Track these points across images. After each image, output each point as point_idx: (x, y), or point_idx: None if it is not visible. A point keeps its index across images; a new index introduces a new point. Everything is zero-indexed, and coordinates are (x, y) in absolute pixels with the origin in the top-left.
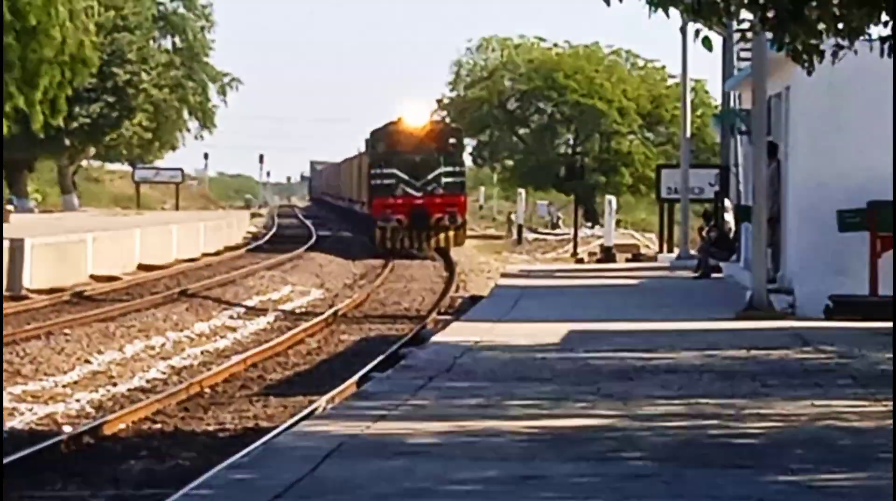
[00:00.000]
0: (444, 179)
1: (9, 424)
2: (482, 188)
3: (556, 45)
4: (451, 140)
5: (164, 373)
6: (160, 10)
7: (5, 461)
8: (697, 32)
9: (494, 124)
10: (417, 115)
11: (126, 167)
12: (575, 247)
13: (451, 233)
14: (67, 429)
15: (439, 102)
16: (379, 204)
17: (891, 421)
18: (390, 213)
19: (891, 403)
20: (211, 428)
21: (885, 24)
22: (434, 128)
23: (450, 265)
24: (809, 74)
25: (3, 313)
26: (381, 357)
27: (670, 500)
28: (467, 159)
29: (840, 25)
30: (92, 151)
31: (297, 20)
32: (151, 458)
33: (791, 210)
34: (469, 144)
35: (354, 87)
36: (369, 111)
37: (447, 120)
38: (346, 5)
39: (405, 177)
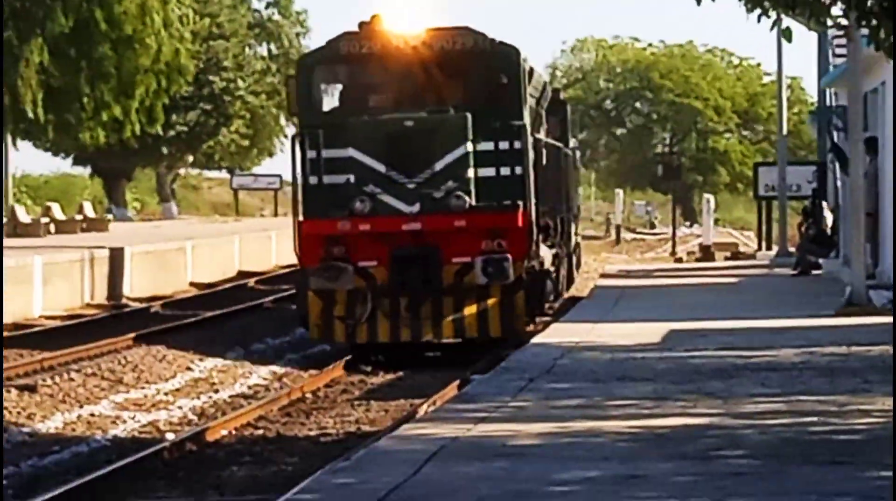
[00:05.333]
0: (472, 172)
1: (112, 431)
2: (580, 189)
3: (650, 45)
4: (501, 78)
5: (265, 379)
6: (256, 18)
7: (110, 468)
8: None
9: (591, 125)
10: (408, 16)
11: (224, 175)
12: (673, 246)
13: (494, 301)
14: (170, 436)
15: None
16: (312, 237)
17: None
18: (341, 255)
19: None
20: (313, 433)
21: None
22: (452, 47)
23: None
24: None
25: (101, 320)
26: (482, 360)
27: (772, 497)
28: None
29: None
30: (190, 159)
31: None
32: (254, 464)
33: (889, 205)
34: None
35: None
36: None
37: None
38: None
39: (378, 167)
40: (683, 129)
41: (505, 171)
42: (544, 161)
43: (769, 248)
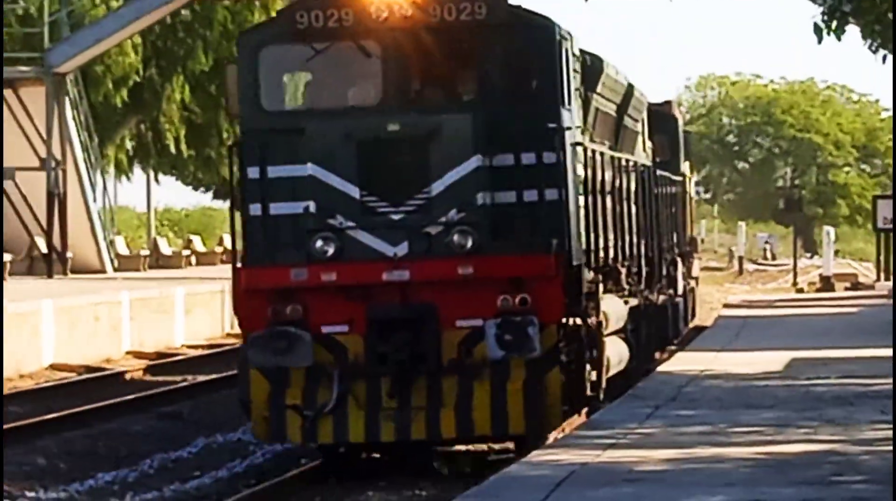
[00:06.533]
0: (485, 196)
1: (251, 458)
2: (703, 222)
3: (772, 81)
4: (529, 61)
5: None
6: None
7: (249, 492)
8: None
9: (714, 159)
10: None
11: None
12: (795, 277)
13: (515, 383)
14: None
15: None
16: (255, 292)
17: None
18: (296, 318)
19: None
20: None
21: None
22: (458, 18)
23: None
24: None
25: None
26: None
27: None
28: None
29: None
30: None
31: None
32: (390, 489)
33: None
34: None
35: None
36: None
37: None
38: None
39: (350, 191)
40: (804, 163)
41: (531, 195)
42: (614, 183)
43: (888, 278)
